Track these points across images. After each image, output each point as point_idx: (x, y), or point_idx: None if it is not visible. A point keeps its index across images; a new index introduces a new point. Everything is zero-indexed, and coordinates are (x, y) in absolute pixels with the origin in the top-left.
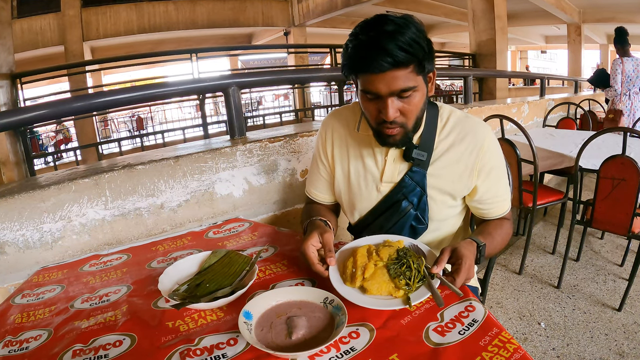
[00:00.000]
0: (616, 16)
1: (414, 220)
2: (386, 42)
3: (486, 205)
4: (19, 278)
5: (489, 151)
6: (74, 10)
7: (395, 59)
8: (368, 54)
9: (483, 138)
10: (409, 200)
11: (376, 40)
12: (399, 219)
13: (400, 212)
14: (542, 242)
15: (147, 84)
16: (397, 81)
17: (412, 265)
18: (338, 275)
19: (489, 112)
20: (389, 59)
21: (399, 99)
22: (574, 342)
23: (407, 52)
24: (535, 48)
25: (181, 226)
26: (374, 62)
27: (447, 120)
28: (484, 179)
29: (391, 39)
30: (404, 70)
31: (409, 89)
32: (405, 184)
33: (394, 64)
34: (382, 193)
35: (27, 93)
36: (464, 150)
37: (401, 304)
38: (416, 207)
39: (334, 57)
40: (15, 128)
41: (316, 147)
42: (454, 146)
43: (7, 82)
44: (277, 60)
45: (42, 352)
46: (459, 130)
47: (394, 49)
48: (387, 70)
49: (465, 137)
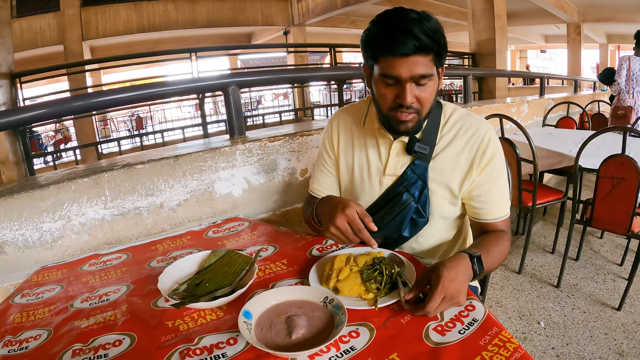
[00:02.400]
0: (616, 15)
1: (414, 213)
2: (413, 25)
3: (481, 203)
4: (18, 278)
5: (490, 147)
6: (73, 10)
7: (421, 42)
8: (395, 35)
9: (484, 134)
10: (410, 193)
11: (402, 24)
12: (400, 211)
13: (401, 204)
14: (541, 241)
15: (147, 84)
16: (418, 66)
17: (384, 271)
18: (317, 276)
19: (489, 112)
20: (415, 42)
21: (416, 85)
22: (574, 342)
23: (432, 39)
24: (535, 47)
25: (181, 225)
26: (400, 43)
27: (450, 117)
28: (481, 173)
29: (418, 24)
30: (425, 57)
31: (428, 75)
32: (407, 177)
33: (418, 47)
34: (384, 186)
35: (27, 92)
36: (465, 144)
37: (367, 306)
38: (417, 200)
39: (334, 57)
40: (14, 127)
41: (322, 143)
42: (455, 141)
43: (6, 82)
44: (277, 59)
45: (41, 352)
46: (461, 125)
47: (420, 33)
48: (411, 53)
49: (467, 132)
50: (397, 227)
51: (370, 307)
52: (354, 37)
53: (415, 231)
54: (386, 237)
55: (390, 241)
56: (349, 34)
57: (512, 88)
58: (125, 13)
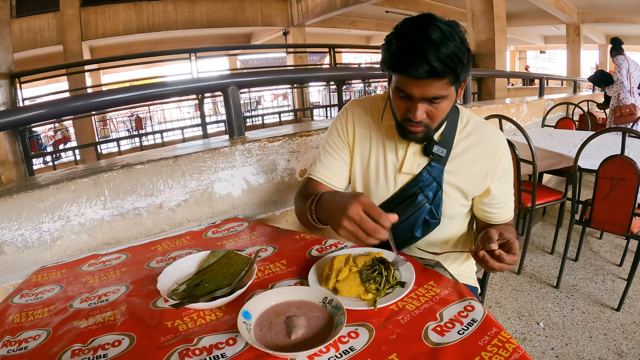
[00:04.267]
0: (615, 16)
1: (427, 214)
2: (428, 52)
3: (494, 209)
4: (17, 278)
5: (504, 158)
6: (72, 10)
7: (434, 69)
8: (409, 59)
9: (500, 145)
10: (424, 194)
11: (420, 48)
12: (414, 212)
13: (415, 205)
14: (540, 242)
15: (146, 84)
16: (431, 89)
17: (383, 272)
18: (316, 277)
19: (488, 112)
20: (427, 69)
21: (428, 103)
22: (573, 342)
23: (446, 66)
24: (534, 48)
25: (180, 226)
26: (413, 68)
27: (467, 123)
28: (497, 183)
29: (434, 50)
30: (439, 81)
31: (441, 97)
32: (423, 178)
33: (431, 74)
34: (399, 184)
35: (26, 92)
36: (481, 152)
37: (366, 306)
38: (431, 202)
39: (333, 57)
40: (14, 127)
41: (333, 129)
42: (471, 147)
43: (6, 82)
44: (276, 60)
45: (41, 352)
46: (477, 132)
47: (434, 61)
48: (423, 78)
49: (483, 141)
50: (410, 227)
51: (369, 308)
52: (353, 38)
53: (427, 232)
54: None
55: (402, 241)
56: (349, 35)
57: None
58: (125, 13)
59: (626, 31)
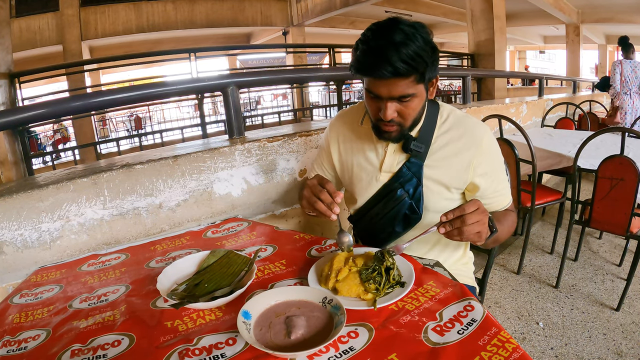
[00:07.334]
0: (615, 16)
1: (408, 209)
2: (391, 53)
3: (487, 200)
4: (17, 278)
5: (487, 150)
6: (72, 10)
7: (397, 70)
8: (372, 61)
9: (481, 137)
10: (404, 189)
11: (382, 50)
12: (394, 206)
13: (395, 199)
14: (540, 242)
15: (146, 84)
16: (397, 88)
17: (383, 272)
18: (316, 276)
19: (488, 112)
20: (390, 69)
21: (398, 102)
22: (572, 342)
23: (408, 65)
24: (533, 48)
25: (180, 226)
26: (377, 69)
27: (447, 118)
28: (483, 176)
29: (395, 51)
30: (404, 80)
31: (408, 95)
32: (403, 174)
33: (394, 74)
34: (381, 182)
35: (26, 92)
36: (462, 146)
37: (366, 306)
38: (411, 196)
39: (333, 57)
40: (13, 127)
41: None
42: (452, 141)
43: (5, 82)
44: (276, 59)
45: (40, 352)
46: (457, 127)
47: (397, 62)
48: (388, 78)
49: (463, 135)
50: (391, 221)
51: (369, 308)
52: (353, 38)
53: (409, 227)
54: (379, 232)
55: (384, 236)
56: (348, 35)
57: (510, 89)
58: (125, 13)
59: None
